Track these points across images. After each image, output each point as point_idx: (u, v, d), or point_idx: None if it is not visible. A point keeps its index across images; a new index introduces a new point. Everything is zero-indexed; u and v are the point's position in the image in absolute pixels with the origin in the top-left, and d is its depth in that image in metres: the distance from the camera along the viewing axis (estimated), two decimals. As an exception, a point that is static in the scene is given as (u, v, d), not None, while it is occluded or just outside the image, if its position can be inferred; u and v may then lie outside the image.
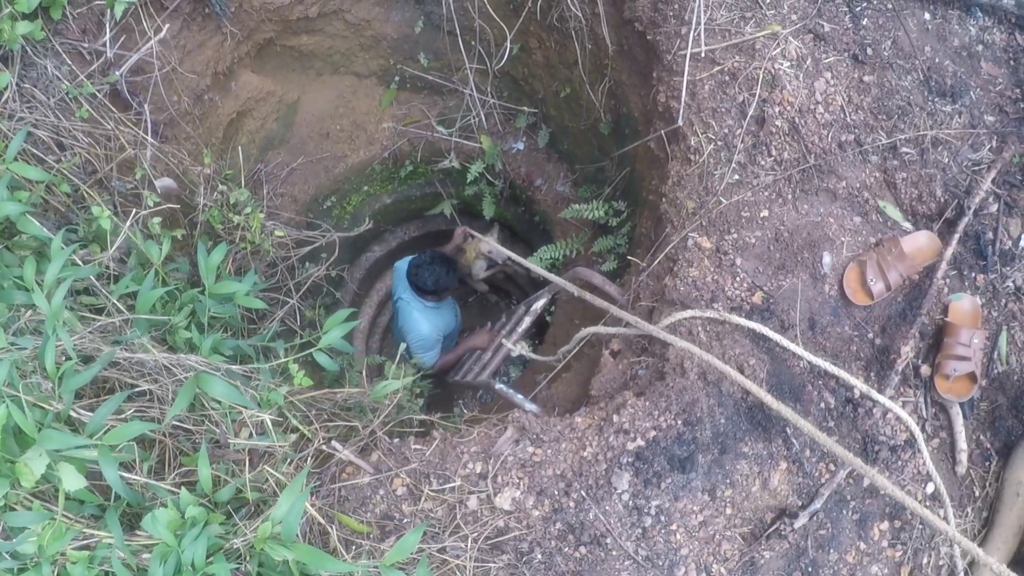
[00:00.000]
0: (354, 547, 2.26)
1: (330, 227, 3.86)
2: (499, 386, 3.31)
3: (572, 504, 2.29)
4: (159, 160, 2.97)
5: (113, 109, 2.79)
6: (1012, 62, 2.82)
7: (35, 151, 2.49)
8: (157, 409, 2.25)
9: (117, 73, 2.82)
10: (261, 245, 3.31)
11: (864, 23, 2.77)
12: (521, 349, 3.32)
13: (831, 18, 2.76)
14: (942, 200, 2.66)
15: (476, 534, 2.27)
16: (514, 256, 3.69)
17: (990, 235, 2.61)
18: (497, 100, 4.58)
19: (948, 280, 2.61)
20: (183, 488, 2.08)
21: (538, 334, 4.88)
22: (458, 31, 3.74)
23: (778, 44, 2.69)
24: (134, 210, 2.56)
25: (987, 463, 2.55)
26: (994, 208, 2.63)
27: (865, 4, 2.79)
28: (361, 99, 4.73)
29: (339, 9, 3.97)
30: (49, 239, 2.27)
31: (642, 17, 2.99)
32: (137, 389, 2.23)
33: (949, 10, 2.84)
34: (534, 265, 3.49)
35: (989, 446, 2.55)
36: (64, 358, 2.06)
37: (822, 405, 2.47)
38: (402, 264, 4.40)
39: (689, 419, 2.37)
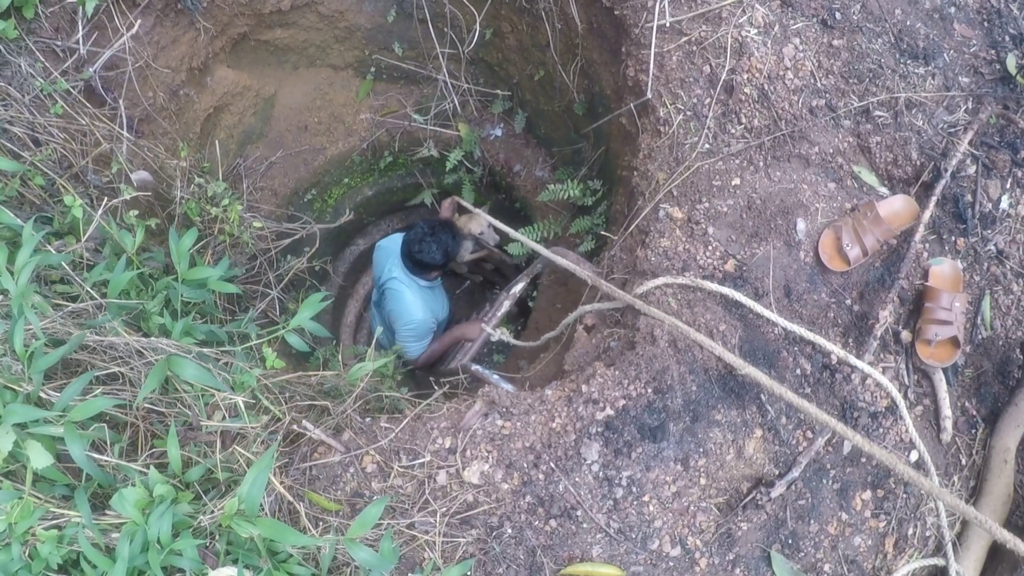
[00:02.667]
0: (323, 524, 2.40)
1: (310, 219, 4.05)
2: (475, 367, 3.47)
3: (542, 477, 2.43)
4: (135, 155, 3.20)
5: (88, 105, 3.03)
6: (986, 23, 2.97)
7: (10, 146, 2.71)
8: (129, 392, 2.43)
9: (91, 70, 3.07)
10: (240, 237, 3.52)
11: (831, -14, 2.90)
12: (501, 334, 3.46)
13: (798, -17, 2.91)
14: (918, 163, 2.80)
15: (445, 509, 2.42)
16: (506, 228, 3.78)
17: (969, 197, 2.74)
18: (473, 86, 4.82)
19: (927, 244, 2.75)
20: (152, 468, 2.24)
21: (522, 318, 5.02)
22: (429, 18, 3.95)
23: (744, 11, 2.87)
24: (106, 199, 2.77)
25: (973, 430, 2.65)
26: (972, 170, 2.77)
27: (833, -32, 2.92)
28: (338, 91, 4.99)
29: (312, 1, 4.26)
30: (22, 228, 2.47)
31: (609, -8, 3.16)
32: (109, 372, 2.41)
33: None
34: (523, 236, 3.60)
35: (975, 413, 2.65)
36: (35, 340, 2.23)
37: (798, 371, 2.60)
38: (388, 243, 4.39)
39: (659, 387, 2.51)
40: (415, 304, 4.22)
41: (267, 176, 4.67)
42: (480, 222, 4.49)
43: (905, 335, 2.65)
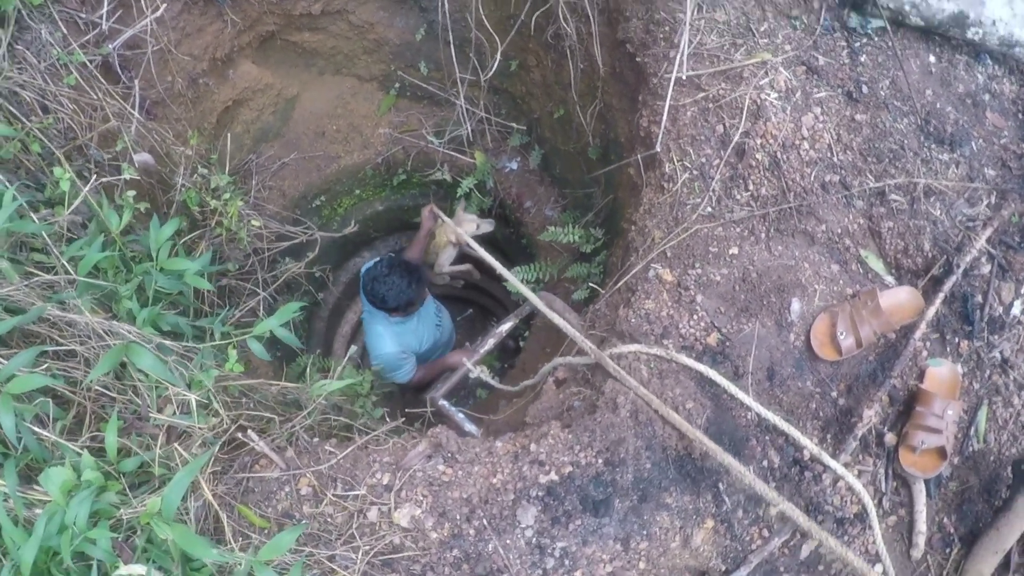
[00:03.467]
0: (245, 540, 2.39)
1: (313, 225, 4.08)
2: (442, 402, 3.43)
3: (472, 532, 2.38)
4: (143, 136, 3.29)
5: (102, 81, 3.13)
6: (1020, 115, 2.83)
7: (16, 111, 2.79)
8: (83, 371, 2.46)
9: (110, 46, 3.18)
10: (237, 233, 3.55)
11: (862, 60, 2.84)
12: (480, 373, 3.40)
13: (827, 51, 2.85)
14: (930, 255, 2.68)
15: (369, 547, 2.38)
16: (482, 253, 3.66)
17: (979, 298, 2.61)
18: (492, 116, 4.84)
19: (928, 343, 2.63)
20: (86, 451, 2.27)
21: (510, 357, 4.96)
22: (456, 41, 3.96)
23: (767, 73, 2.79)
24: (96, 176, 2.83)
25: (947, 550, 2.51)
26: (986, 269, 2.64)
27: (865, 40, 2.87)
28: (360, 102, 5.07)
29: (343, 9, 4.34)
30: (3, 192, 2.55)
31: (634, 38, 3.15)
32: (67, 348, 2.45)
33: (956, 55, 2.91)
34: (493, 260, 3.48)
35: (952, 531, 2.51)
36: (-10, 306, 2.30)
37: (764, 463, 2.50)
38: (365, 271, 4.25)
39: (612, 459, 2.44)
40: (382, 338, 4.13)
41: (278, 176, 4.75)
42: (468, 224, 4.35)
43: (889, 438, 2.52)
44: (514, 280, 3.23)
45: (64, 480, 2.15)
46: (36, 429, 2.28)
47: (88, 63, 3.06)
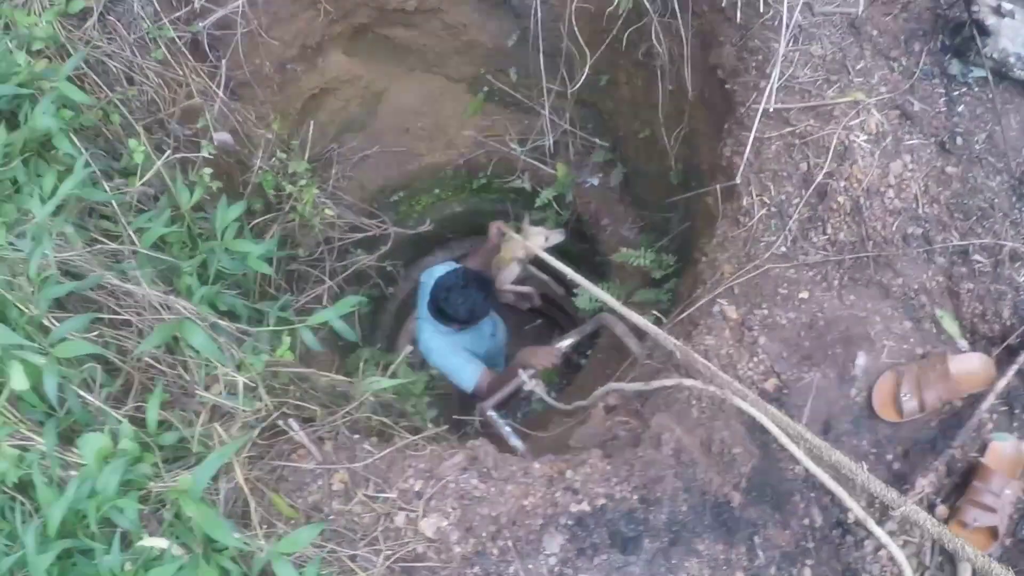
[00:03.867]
0: (271, 528, 2.40)
1: (387, 220, 4.10)
2: (490, 412, 3.40)
3: (496, 552, 2.35)
4: (225, 116, 3.36)
5: (190, 58, 3.23)
6: None
7: (101, 81, 2.88)
8: (135, 342, 2.53)
9: (201, 24, 3.29)
10: (310, 220, 3.60)
11: (960, 109, 2.73)
12: (536, 386, 3.36)
13: (924, 97, 2.75)
14: (1008, 323, 2.54)
15: (391, 552, 2.37)
16: (555, 263, 3.48)
17: (1055, 374, 2.45)
18: (577, 130, 4.82)
19: (994, 416, 2.48)
20: (126, 420, 2.32)
21: (572, 374, 4.90)
22: (546, 51, 3.94)
23: (859, 114, 2.71)
24: (170, 150, 2.90)
25: (989, 635, 2.34)
26: (1068, 345, 2.46)
27: (965, 90, 2.76)
28: (447, 102, 5.09)
29: (437, 8, 4.36)
30: (77, 158, 2.63)
31: (725, 64, 3.11)
32: (122, 318, 2.51)
33: None
34: (564, 266, 3.31)
35: (996, 618, 2.34)
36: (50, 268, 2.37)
37: (806, 521, 2.41)
38: (428, 277, 4.13)
39: (647, 496, 2.38)
40: (432, 345, 4.02)
41: (358, 168, 4.83)
42: (537, 237, 4.16)
43: (941, 510, 2.40)
44: (585, 283, 3.10)
45: (100, 447, 2.20)
46: (82, 393, 2.34)
47: (177, 39, 3.15)
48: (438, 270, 4.04)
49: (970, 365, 2.49)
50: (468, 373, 3.96)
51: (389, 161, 4.96)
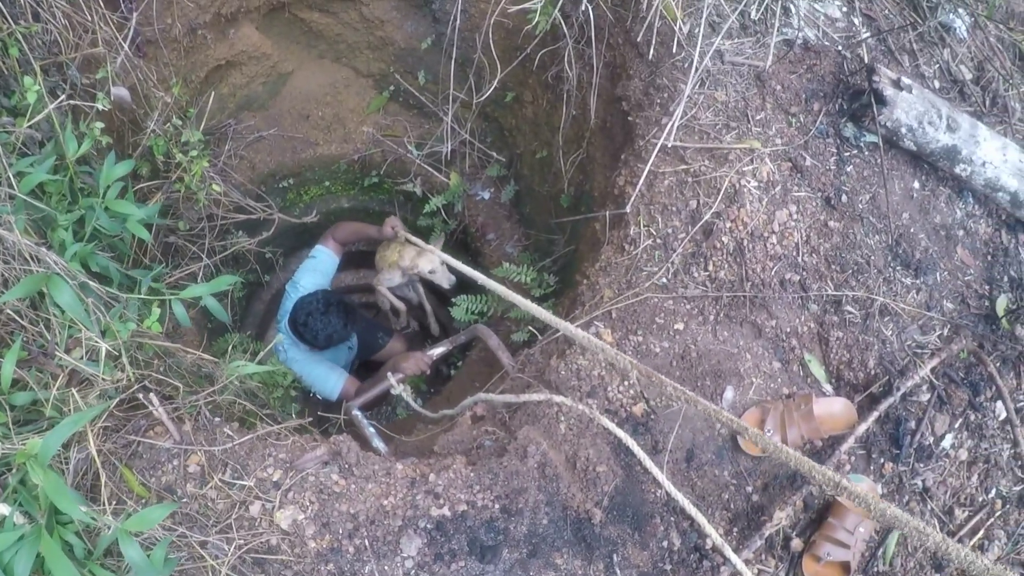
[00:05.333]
0: (120, 504, 2.32)
1: (275, 206, 4.06)
2: (355, 412, 3.38)
3: (352, 550, 2.34)
4: (127, 72, 3.29)
5: (101, 4, 3.13)
6: (990, 257, 2.95)
7: (6, 10, 2.78)
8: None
9: None
10: (196, 193, 3.53)
11: (848, 170, 2.93)
12: (403, 391, 3.35)
13: (816, 154, 2.92)
14: (873, 373, 2.72)
15: (244, 542, 2.33)
16: (463, 267, 3.38)
17: (912, 424, 2.66)
18: (476, 141, 4.90)
19: (853, 458, 2.66)
20: (-24, 374, 2.21)
21: (440, 384, 4.93)
22: (457, 58, 4.05)
23: (752, 161, 2.85)
24: (64, 96, 2.82)
25: (830, 671, 2.46)
26: (926, 398, 2.69)
27: (856, 152, 2.96)
28: (351, 95, 5.13)
29: None
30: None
31: (631, 97, 3.22)
32: (-14, 265, 2.41)
33: (941, 186, 3.03)
34: (485, 277, 3.17)
35: (840, 651, 2.47)
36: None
37: (664, 543, 2.48)
38: (292, 288, 4.09)
39: (509, 507, 2.42)
40: (304, 358, 4.01)
41: (252, 148, 4.79)
42: (431, 259, 4.17)
43: (796, 543, 2.53)
44: (495, 286, 3.09)
45: (-53, 400, 2.11)
46: (-69, 342, 2.24)
47: (91, -18, 3.06)
48: (302, 281, 4.03)
49: (833, 408, 2.65)
50: (332, 382, 4.01)
51: (284, 146, 4.94)
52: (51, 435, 2.10)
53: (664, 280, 2.80)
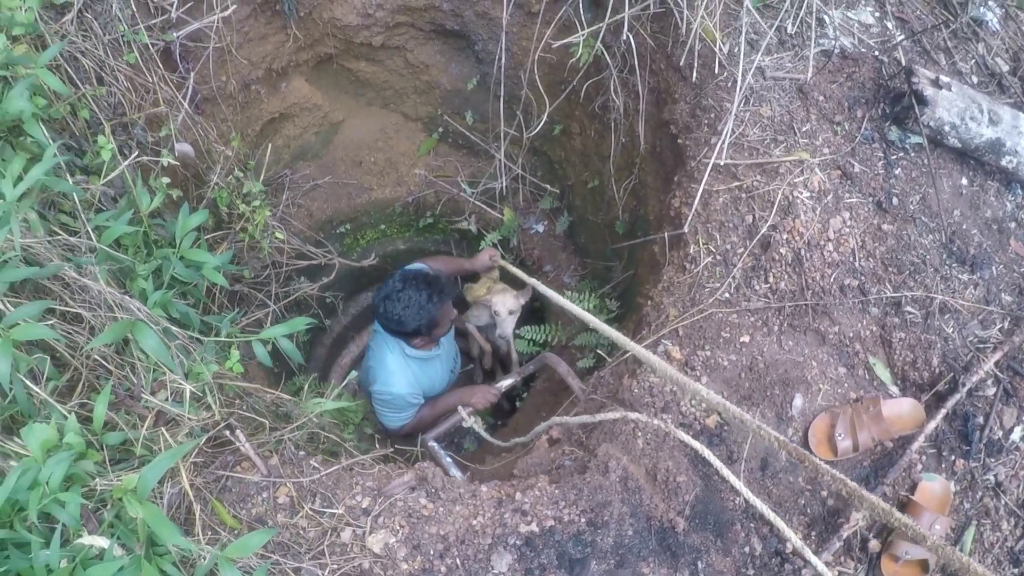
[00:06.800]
0: (213, 536, 2.43)
1: (335, 251, 4.20)
2: (431, 443, 3.48)
3: (444, 569, 2.43)
4: (187, 128, 3.47)
5: (160, 66, 3.33)
6: None
7: (73, 74, 2.96)
8: (86, 337, 2.55)
9: (175, 34, 3.40)
10: (259, 242, 3.68)
11: (897, 172, 3.03)
12: (474, 423, 3.47)
13: (864, 160, 3.03)
14: (937, 371, 2.81)
15: (337, 567, 2.43)
16: (553, 294, 3.36)
17: (980, 420, 2.73)
18: (528, 175, 5.05)
19: (923, 457, 2.73)
20: (73, 415, 2.33)
21: (505, 416, 5.02)
22: (505, 97, 4.21)
23: (802, 172, 2.98)
24: (137, 151, 2.97)
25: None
26: (991, 392, 2.76)
27: (902, 154, 3.07)
28: (402, 139, 5.30)
29: (402, 46, 4.59)
30: (46, 146, 2.68)
31: (678, 120, 3.36)
32: (74, 311, 2.54)
33: (989, 180, 3.14)
34: (569, 303, 3.21)
35: (925, 648, 2.54)
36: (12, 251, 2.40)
37: (746, 549, 2.56)
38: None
39: (595, 520, 2.51)
40: (395, 374, 3.73)
41: (308, 196, 4.97)
42: (507, 301, 4.23)
43: (873, 544, 2.60)
44: (567, 303, 3.18)
45: (46, 438, 2.20)
46: (28, 383, 2.35)
47: (150, 45, 3.26)
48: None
49: (901, 409, 2.74)
50: (404, 416, 3.89)
51: (339, 192, 5.10)
52: (149, 470, 2.20)
53: (727, 295, 2.92)
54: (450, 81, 4.87)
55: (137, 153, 3.01)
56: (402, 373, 3.74)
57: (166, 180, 3.17)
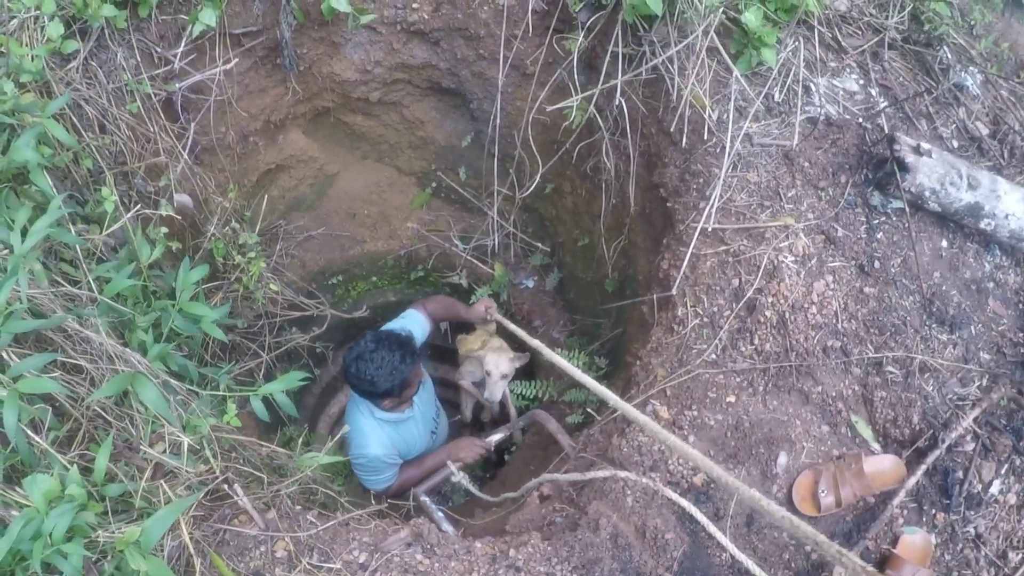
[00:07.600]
0: (212, 590, 2.48)
1: (327, 302, 4.29)
2: (423, 498, 3.54)
3: (439, 627, 2.49)
4: (186, 178, 3.57)
5: (162, 115, 3.43)
6: (1021, 305, 3.20)
7: (77, 123, 3.06)
8: (86, 388, 2.62)
9: (177, 85, 3.51)
10: (253, 292, 3.76)
11: (879, 236, 3.19)
12: (463, 478, 3.53)
13: (847, 224, 3.18)
14: (917, 428, 2.94)
15: (333, 622, 2.48)
16: (554, 356, 3.39)
17: (960, 474, 2.85)
18: (519, 232, 5.20)
19: (905, 511, 2.84)
20: (75, 467, 2.39)
21: (493, 469, 5.12)
22: (499, 156, 4.35)
23: (788, 237, 3.12)
24: (139, 205, 3.06)
25: None
26: (971, 447, 2.89)
27: (884, 219, 3.23)
28: (395, 193, 5.44)
29: (399, 102, 4.72)
30: (52, 198, 2.76)
31: (668, 184, 3.52)
32: (75, 362, 2.61)
33: (968, 242, 3.29)
34: (568, 364, 3.31)
35: None
36: (18, 303, 2.47)
37: (732, 604, 2.62)
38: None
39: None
40: (365, 435, 3.66)
41: (302, 247, 5.07)
42: (501, 362, 4.24)
43: (856, 599, 2.68)
44: (558, 359, 3.34)
45: (48, 489, 2.24)
46: (29, 433, 2.41)
47: (152, 95, 3.37)
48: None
49: (883, 465, 2.86)
50: (384, 478, 3.83)
51: (332, 244, 5.21)
52: (152, 523, 2.27)
53: (713, 356, 3.04)
54: (445, 137, 5.00)
55: (140, 206, 3.10)
56: (374, 434, 3.71)
57: (164, 230, 3.26)
